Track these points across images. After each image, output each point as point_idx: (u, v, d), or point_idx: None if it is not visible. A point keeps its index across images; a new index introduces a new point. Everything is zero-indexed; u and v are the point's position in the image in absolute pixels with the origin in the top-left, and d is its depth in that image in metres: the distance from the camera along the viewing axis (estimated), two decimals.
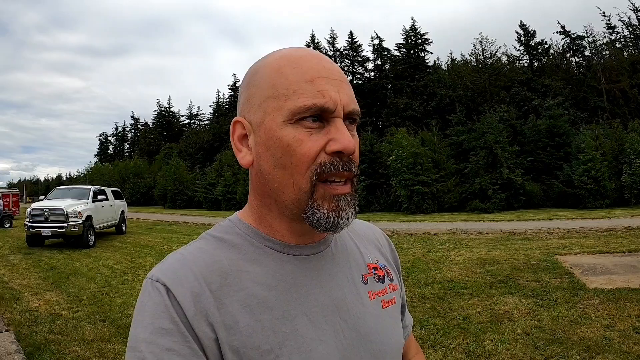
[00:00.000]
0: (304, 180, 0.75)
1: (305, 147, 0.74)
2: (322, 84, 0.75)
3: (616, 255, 9.94)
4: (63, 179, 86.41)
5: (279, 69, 0.78)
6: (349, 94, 0.78)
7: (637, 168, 27.19)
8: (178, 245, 14.62)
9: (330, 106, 0.74)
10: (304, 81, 0.75)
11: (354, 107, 0.78)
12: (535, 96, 38.65)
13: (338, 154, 0.74)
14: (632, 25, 43.71)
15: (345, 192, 0.76)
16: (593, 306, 6.30)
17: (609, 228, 15.15)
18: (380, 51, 53.51)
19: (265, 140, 0.78)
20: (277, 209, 0.80)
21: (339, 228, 0.76)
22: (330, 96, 0.74)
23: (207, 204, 47.23)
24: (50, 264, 10.94)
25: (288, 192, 0.76)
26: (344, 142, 0.73)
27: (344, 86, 0.78)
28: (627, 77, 38.39)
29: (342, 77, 0.79)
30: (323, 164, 0.74)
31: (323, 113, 0.74)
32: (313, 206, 0.75)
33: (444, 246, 12.91)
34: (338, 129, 0.74)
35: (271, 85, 0.78)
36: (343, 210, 0.75)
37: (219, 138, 61.19)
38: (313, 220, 0.75)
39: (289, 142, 0.74)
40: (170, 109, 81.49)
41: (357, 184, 0.81)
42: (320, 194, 0.75)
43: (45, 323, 6.20)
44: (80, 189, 16.65)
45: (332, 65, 0.79)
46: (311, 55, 0.79)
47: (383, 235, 1.07)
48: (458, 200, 32.41)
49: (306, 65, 0.77)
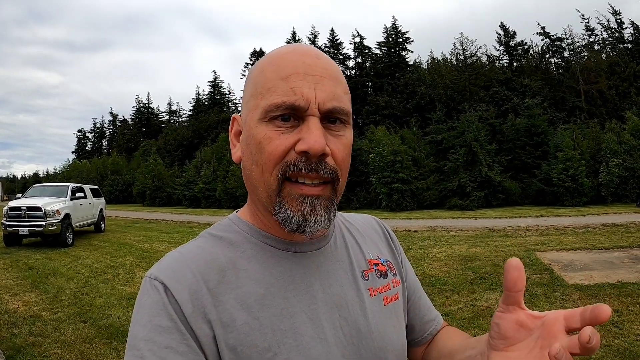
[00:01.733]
0: (271, 178, 0.74)
1: (273, 146, 0.73)
2: (297, 80, 0.73)
3: (594, 251, 10.12)
4: (40, 176, 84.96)
5: (262, 67, 0.78)
6: (331, 90, 0.75)
7: (613, 167, 27.72)
8: (158, 244, 14.57)
9: (302, 104, 0.72)
10: (279, 78, 0.74)
11: (335, 104, 0.75)
12: (514, 96, 39.16)
13: (305, 154, 0.72)
14: (611, 27, 44.58)
15: (313, 194, 0.74)
16: (573, 301, 6.40)
17: (587, 225, 15.41)
18: (361, 49, 53.66)
19: (246, 138, 0.78)
20: (261, 204, 0.80)
21: (307, 231, 0.74)
22: (302, 93, 0.72)
23: (187, 202, 46.95)
24: (28, 263, 10.76)
25: (261, 190, 0.77)
26: (310, 141, 0.71)
27: (325, 82, 0.75)
28: (605, 79, 39.18)
29: (326, 72, 0.76)
30: (289, 163, 0.73)
31: (295, 111, 0.73)
32: (281, 205, 0.74)
33: (425, 243, 12.99)
34: (309, 128, 0.72)
35: (254, 83, 0.78)
36: (308, 212, 0.73)
37: (198, 135, 60.79)
38: (279, 218, 0.75)
39: (260, 139, 0.74)
40: (150, 105, 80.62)
41: (338, 188, 0.78)
42: (287, 192, 0.74)
43: (24, 325, 6.09)
44: (58, 187, 16.38)
45: (316, 60, 0.76)
46: (295, 52, 0.77)
47: (379, 225, 1.06)
48: (437, 198, 32.69)
49: (285, 62, 0.76)
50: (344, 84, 0.79)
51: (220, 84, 70.78)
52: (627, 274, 7.80)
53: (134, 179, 55.20)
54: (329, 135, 0.75)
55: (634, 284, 7.05)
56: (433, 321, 1.05)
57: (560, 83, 41.33)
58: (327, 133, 0.75)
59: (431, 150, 35.18)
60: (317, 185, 0.75)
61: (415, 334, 1.03)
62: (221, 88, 70.62)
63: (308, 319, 0.77)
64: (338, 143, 0.76)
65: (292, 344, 0.74)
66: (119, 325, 6.06)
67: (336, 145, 0.76)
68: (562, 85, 40.92)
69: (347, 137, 0.78)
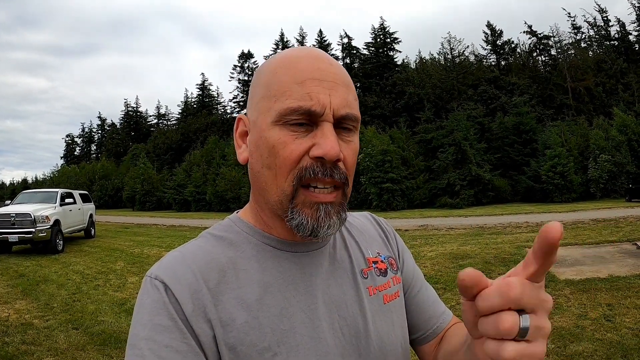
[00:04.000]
0: (286, 183, 0.74)
1: (288, 150, 0.73)
2: (312, 86, 0.73)
3: (584, 247, 10.19)
4: (29, 182, 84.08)
5: (274, 69, 0.78)
6: (344, 97, 0.75)
7: (602, 163, 27.99)
8: (149, 248, 14.49)
9: (318, 109, 0.72)
10: (294, 83, 0.74)
11: (348, 111, 0.75)
12: (502, 94, 39.46)
13: (320, 159, 0.72)
14: (597, 25, 45.08)
15: (327, 201, 0.75)
16: (565, 296, 6.44)
17: (576, 221, 15.53)
18: (349, 50, 53.88)
19: (257, 140, 0.78)
20: (268, 207, 0.80)
21: (319, 236, 0.75)
22: (318, 99, 0.72)
23: (177, 206, 46.86)
24: (18, 271, 10.64)
25: (273, 193, 0.76)
26: (326, 147, 0.71)
27: (339, 89, 0.75)
28: (592, 76, 39.66)
29: (339, 79, 0.77)
30: (304, 168, 0.73)
31: (310, 116, 0.73)
32: (293, 211, 0.74)
33: (416, 242, 13.02)
34: (324, 134, 0.72)
35: (266, 85, 0.77)
36: (323, 219, 0.74)
37: (187, 138, 60.68)
38: (292, 224, 0.75)
39: (274, 143, 0.74)
40: (138, 109, 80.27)
41: (347, 193, 0.79)
42: (301, 199, 0.74)
43: (16, 333, 6.02)
44: (47, 193, 16.21)
45: (329, 66, 0.77)
46: (309, 56, 0.78)
47: (376, 221, 1.05)
48: (427, 197, 32.88)
49: (299, 66, 0.75)
50: (354, 90, 0.80)
51: (208, 86, 70.76)
52: (618, 268, 7.86)
53: (124, 183, 55.01)
54: (340, 141, 0.76)
55: (624, 278, 7.11)
56: (438, 317, 1.00)
57: (547, 81, 41.73)
58: (338, 139, 0.75)
59: (420, 150, 35.39)
60: (331, 192, 0.75)
61: (418, 331, 0.98)
62: (210, 91, 70.56)
63: (307, 318, 0.77)
64: (348, 149, 0.77)
65: (291, 344, 0.74)
66: (112, 331, 6.01)
67: (347, 151, 0.77)
68: (550, 83, 41.31)
69: (356, 143, 0.79)
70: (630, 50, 42.96)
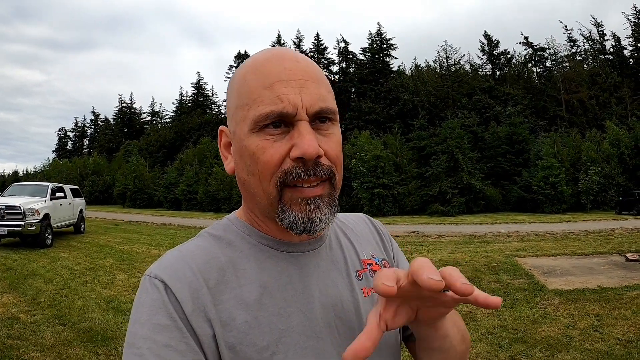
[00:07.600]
0: (270, 186, 0.74)
1: (268, 155, 0.73)
2: (281, 87, 0.73)
3: (574, 257, 10.28)
4: (20, 175, 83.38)
5: (244, 76, 0.78)
6: (315, 92, 0.75)
7: (593, 175, 28.21)
8: (138, 246, 14.44)
9: (290, 110, 0.72)
10: (263, 87, 0.74)
11: (321, 105, 0.75)
12: (496, 104, 39.74)
13: (301, 159, 0.72)
14: (593, 39, 45.53)
15: (314, 195, 0.75)
16: (553, 306, 6.48)
17: (566, 232, 15.66)
18: (345, 54, 54.00)
19: (239, 149, 0.78)
20: (260, 211, 0.81)
21: (313, 231, 0.75)
22: (289, 100, 0.72)
23: (168, 204, 46.73)
24: (6, 264, 10.55)
25: (261, 198, 0.77)
26: (303, 146, 0.71)
27: (309, 85, 0.75)
28: (586, 88, 40.07)
29: (308, 75, 0.76)
30: (286, 171, 0.73)
31: (284, 118, 0.73)
32: (283, 210, 0.75)
33: (406, 248, 13.03)
34: (300, 133, 0.72)
35: (238, 94, 0.78)
36: (313, 213, 0.74)
37: (180, 137, 60.56)
38: (284, 223, 0.75)
39: (254, 150, 0.74)
40: (132, 105, 79.90)
41: (336, 183, 0.79)
42: (288, 197, 0.74)
43: (2, 327, 5.95)
44: (38, 186, 16.08)
45: (296, 64, 0.77)
46: (275, 57, 0.77)
47: (371, 223, 1.05)
48: (419, 204, 32.98)
49: (266, 69, 0.75)
50: (326, 82, 0.80)
51: (204, 86, 70.73)
52: (607, 279, 7.93)
53: (115, 179, 54.67)
54: (320, 135, 0.75)
55: (613, 289, 7.17)
56: None
57: (542, 92, 42.07)
58: (317, 134, 0.75)
59: (413, 156, 35.54)
60: (316, 186, 0.75)
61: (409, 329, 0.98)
62: (205, 90, 70.52)
63: (305, 318, 0.77)
64: (329, 142, 0.77)
65: (290, 343, 0.74)
66: (99, 328, 5.97)
67: (328, 144, 0.76)
68: (544, 94, 41.66)
69: (337, 134, 0.79)
70: (624, 65, 43.44)
